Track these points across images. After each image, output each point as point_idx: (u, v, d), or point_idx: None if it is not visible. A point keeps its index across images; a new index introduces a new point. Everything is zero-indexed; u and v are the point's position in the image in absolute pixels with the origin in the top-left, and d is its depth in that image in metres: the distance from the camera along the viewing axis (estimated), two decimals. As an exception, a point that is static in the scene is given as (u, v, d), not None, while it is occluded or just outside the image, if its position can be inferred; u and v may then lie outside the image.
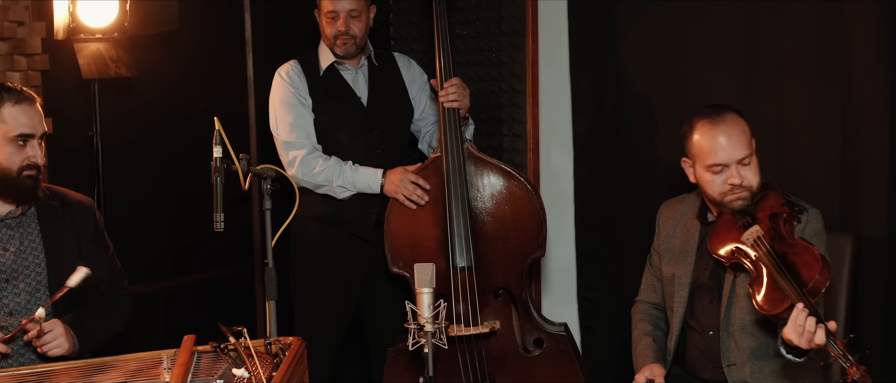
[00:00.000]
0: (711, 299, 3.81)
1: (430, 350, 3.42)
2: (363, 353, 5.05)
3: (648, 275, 4.17)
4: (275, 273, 3.71)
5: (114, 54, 4.57)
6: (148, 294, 4.75)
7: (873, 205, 4.22)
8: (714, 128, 3.70)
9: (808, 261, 3.43)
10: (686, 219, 3.98)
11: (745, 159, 3.68)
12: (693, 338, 3.89)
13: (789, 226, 3.62)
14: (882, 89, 4.15)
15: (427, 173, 4.46)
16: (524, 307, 4.49)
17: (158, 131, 4.92)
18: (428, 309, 3.40)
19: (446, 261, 4.40)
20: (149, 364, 3.43)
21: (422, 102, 4.81)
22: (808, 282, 3.37)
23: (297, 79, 4.58)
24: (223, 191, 3.53)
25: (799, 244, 3.52)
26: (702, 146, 3.72)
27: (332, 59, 4.62)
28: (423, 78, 4.84)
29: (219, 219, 3.48)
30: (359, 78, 4.67)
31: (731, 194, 3.70)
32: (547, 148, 5.14)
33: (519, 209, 4.45)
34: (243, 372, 3.28)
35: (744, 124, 3.73)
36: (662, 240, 4.04)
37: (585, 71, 5.00)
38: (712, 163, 3.69)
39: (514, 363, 4.49)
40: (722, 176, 3.70)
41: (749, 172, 3.70)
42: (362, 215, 4.61)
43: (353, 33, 4.55)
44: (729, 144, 3.67)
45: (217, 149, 3.51)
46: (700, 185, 3.82)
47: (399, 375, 4.49)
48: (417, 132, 4.88)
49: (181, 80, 5.01)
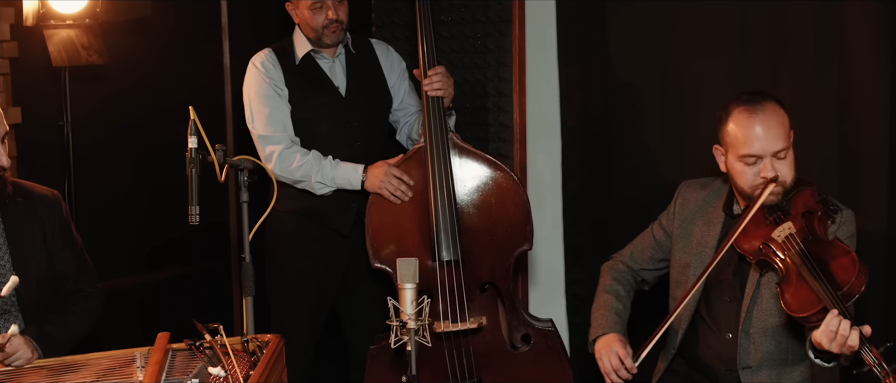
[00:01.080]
0: (732, 298, 3.77)
1: (413, 348, 3.42)
2: (342, 351, 5.04)
3: (645, 241, 4.13)
4: (252, 268, 3.69)
5: (85, 41, 4.56)
6: (121, 290, 4.75)
7: (873, 199, 4.23)
8: (751, 116, 3.61)
9: (845, 263, 3.37)
10: (709, 208, 3.91)
11: (780, 152, 3.60)
12: (707, 337, 3.86)
13: (823, 225, 3.57)
14: (882, 77, 4.16)
15: (410, 165, 4.45)
16: (511, 302, 4.48)
17: (131, 121, 4.91)
18: (411, 305, 3.41)
19: (431, 255, 4.39)
20: (121, 362, 3.44)
21: (401, 91, 4.80)
22: (843, 284, 3.32)
23: (272, 68, 4.54)
24: (198, 183, 3.51)
25: (835, 245, 3.47)
26: (736, 135, 3.63)
27: (308, 47, 4.59)
28: (402, 66, 4.83)
29: (194, 212, 3.46)
30: (336, 67, 4.65)
31: (762, 187, 3.60)
32: (534, 138, 5.13)
33: (505, 201, 4.45)
34: (219, 370, 3.29)
35: (783, 115, 3.64)
36: (678, 223, 3.98)
37: (574, 59, 4.99)
38: (746, 153, 3.61)
39: (501, 360, 4.49)
40: (755, 168, 3.62)
41: (784, 166, 3.61)
42: (342, 210, 4.60)
43: (342, 19, 4.54)
44: (765, 135, 3.58)
45: (192, 139, 3.49)
46: (730, 175, 3.74)
47: (381, 374, 4.47)
48: (395, 122, 4.86)
49: (155, 68, 5.00)
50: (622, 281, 4.10)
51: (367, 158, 4.53)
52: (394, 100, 4.79)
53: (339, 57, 4.66)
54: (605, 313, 3.99)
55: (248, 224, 3.71)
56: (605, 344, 3.86)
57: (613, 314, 3.98)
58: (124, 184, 4.91)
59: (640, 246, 4.14)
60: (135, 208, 4.96)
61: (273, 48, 4.62)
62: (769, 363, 3.71)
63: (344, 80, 4.64)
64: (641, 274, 4.14)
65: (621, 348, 3.81)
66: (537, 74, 5.10)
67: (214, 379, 3.27)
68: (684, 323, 3.88)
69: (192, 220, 3.47)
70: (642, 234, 4.16)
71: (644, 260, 4.12)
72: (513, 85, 5.08)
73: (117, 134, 4.87)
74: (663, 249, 4.05)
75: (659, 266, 4.11)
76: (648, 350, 3.74)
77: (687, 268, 3.88)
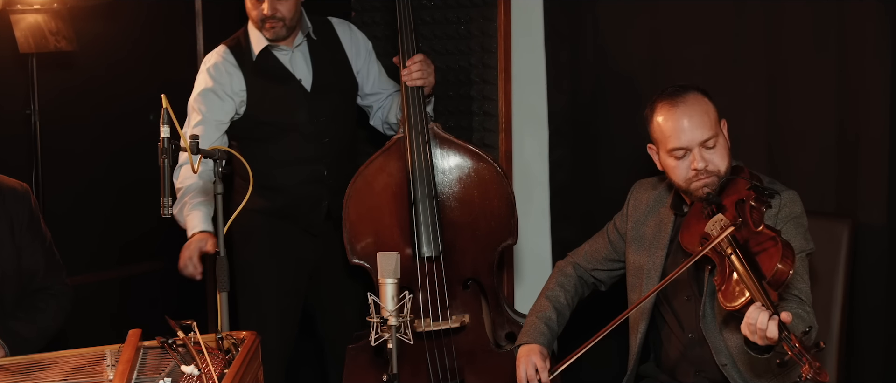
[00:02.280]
0: (689, 297, 3.78)
1: (394, 345, 3.42)
2: (317, 351, 5.04)
3: (599, 242, 4.14)
4: (227, 262, 3.68)
5: (53, 26, 4.55)
6: (90, 285, 4.75)
7: (872, 189, 4.23)
8: (674, 108, 3.65)
9: (770, 249, 3.37)
10: (660, 207, 3.94)
11: (708, 141, 3.62)
12: (672, 340, 3.87)
13: (757, 212, 3.55)
14: (882, 61, 4.16)
15: (389, 157, 4.44)
16: (495, 299, 4.49)
17: (102, 110, 4.90)
18: (392, 301, 3.41)
19: (411, 250, 4.39)
20: (91, 360, 3.44)
21: (371, 76, 4.75)
22: (767, 273, 3.32)
23: (225, 73, 4.46)
24: (171, 174, 3.52)
25: (762, 232, 3.46)
26: (663, 129, 3.67)
27: (265, 42, 4.52)
28: (368, 46, 4.77)
29: (166, 204, 3.45)
30: (297, 58, 4.58)
31: (696, 180, 3.64)
32: (520, 128, 5.13)
33: (488, 194, 4.44)
34: (193, 369, 3.29)
35: (707, 103, 3.67)
36: (631, 225, 4.00)
37: (562, 44, 4.98)
38: (674, 147, 3.63)
39: (485, 359, 4.49)
40: (685, 161, 3.64)
41: (715, 156, 3.63)
42: (312, 208, 4.61)
43: (282, 15, 4.42)
44: (690, 126, 3.61)
45: (164, 128, 3.47)
46: (666, 172, 3.77)
47: (360, 374, 4.48)
48: (368, 107, 4.83)
49: (127, 55, 4.99)
50: (567, 286, 4.12)
51: (336, 154, 4.55)
52: (365, 85, 4.75)
53: (299, 47, 4.59)
54: (535, 322, 4.04)
55: (222, 216, 3.71)
56: (526, 353, 3.95)
57: (543, 324, 4.02)
58: (94, 175, 4.91)
59: (595, 246, 4.16)
60: (105, 201, 4.95)
61: (228, 46, 4.54)
62: (741, 357, 3.68)
63: (307, 72, 4.59)
64: (595, 274, 4.15)
65: (539, 360, 3.91)
66: (523, 61, 5.09)
67: (188, 377, 3.27)
68: (642, 326, 3.88)
69: (164, 213, 3.46)
70: (597, 235, 4.17)
71: (598, 260, 4.13)
72: (498, 72, 5.07)
73: (87, 123, 4.86)
74: (617, 251, 4.07)
75: (613, 267, 4.12)
76: (564, 368, 3.81)
77: (641, 270, 3.90)
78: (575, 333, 4.14)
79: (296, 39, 4.56)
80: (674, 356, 3.86)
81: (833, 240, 4.02)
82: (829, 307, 3.98)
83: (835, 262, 4.02)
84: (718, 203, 3.60)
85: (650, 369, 3.99)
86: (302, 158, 4.56)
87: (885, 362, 4.27)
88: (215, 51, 4.55)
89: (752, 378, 3.69)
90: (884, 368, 4.28)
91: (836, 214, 4.20)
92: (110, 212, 4.95)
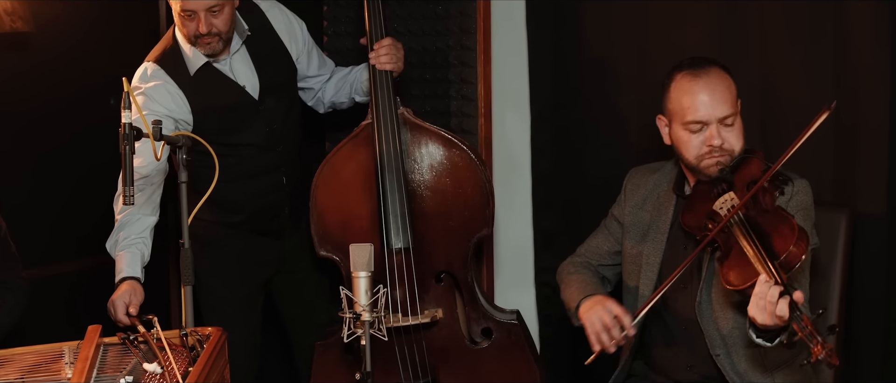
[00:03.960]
0: (686, 284, 3.80)
1: (368, 342, 3.45)
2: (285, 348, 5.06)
3: (599, 237, 4.17)
4: (191, 254, 3.72)
5: (7, 6, 4.54)
6: (47, 279, 4.73)
7: (871, 177, 4.25)
8: (695, 80, 3.70)
9: (784, 230, 3.41)
10: (660, 191, 3.97)
11: (727, 119, 3.67)
12: (663, 332, 3.89)
13: (769, 195, 3.61)
14: (882, 45, 4.17)
15: (357, 143, 4.44)
16: (470, 293, 4.49)
17: (59, 94, 4.86)
18: (365, 295, 3.44)
19: (381, 242, 4.39)
20: (48, 358, 3.48)
21: (312, 59, 4.66)
22: (780, 253, 3.36)
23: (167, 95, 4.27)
24: (133, 162, 3.52)
25: (776, 212, 3.52)
26: (681, 101, 3.72)
27: (203, 57, 4.31)
28: (303, 26, 4.63)
29: (129, 192, 3.47)
30: (239, 64, 4.43)
31: (708, 157, 3.69)
32: (500, 112, 5.12)
33: (462, 181, 4.44)
34: (155, 367, 3.32)
35: (730, 80, 3.73)
36: (629, 211, 4.03)
37: (544, 25, 4.97)
38: (691, 119, 3.68)
39: (460, 356, 4.50)
40: (700, 136, 3.69)
41: (731, 135, 3.69)
42: (273, 218, 4.59)
43: (218, 30, 4.22)
44: (711, 100, 3.66)
45: (126, 114, 3.47)
46: (676, 147, 3.80)
47: (329, 372, 4.49)
48: (307, 89, 4.76)
49: (86, 37, 4.94)
50: (587, 267, 4.12)
51: (291, 157, 4.55)
52: (307, 70, 4.68)
53: (239, 51, 4.43)
54: (583, 282, 4.00)
55: (186, 206, 3.73)
56: (594, 303, 3.83)
57: (594, 283, 3.99)
58: (51, 162, 4.90)
59: (595, 242, 4.18)
60: (62, 189, 4.92)
61: (158, 62, 4.32)
62: (737, 349, 3.72)
63: (252, 76, 4.43)
64: (601, 271, 4.16)
65: (616, 306, 3.78)
66: (504, 42, 5.07)
67: (150, 376, 3.29)
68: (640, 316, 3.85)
69: (126, 202, 3.47)
70: (595, 232, 4.21)
71: (602, 255, 4.15)
72: (477, 54, 5.04)
73: (44, 108, 4.82)
74: (619, 242, 4.08)
75: (619, 261, 4.13)
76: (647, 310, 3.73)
77: (639, 256, 3.92)
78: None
79: (233, 45, 4.40)
80: (664, 350, 3.88)
81: (831, 231, 4.04)
82: (826, 300, 4.01)
83: (832, 253, 4.05)
84: (730, 181, 3.65)
85: (639, 367, 4.00)
86: (258, 171, 4.50)
87: (884, 356, 4.28)
88: (145, 70, 4.33)
89: (746, 368, 3.71)
90: (883, 362, 4.30)
91: (833, 204, 4.22)
92: (68, 201, 4.92)
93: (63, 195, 4.92)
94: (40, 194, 4.83)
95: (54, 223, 4.89)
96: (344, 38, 5.17)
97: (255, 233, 4.60)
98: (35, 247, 4.59)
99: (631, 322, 3.73)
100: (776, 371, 3.72)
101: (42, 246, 4.78)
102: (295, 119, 4.65)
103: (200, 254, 4.26)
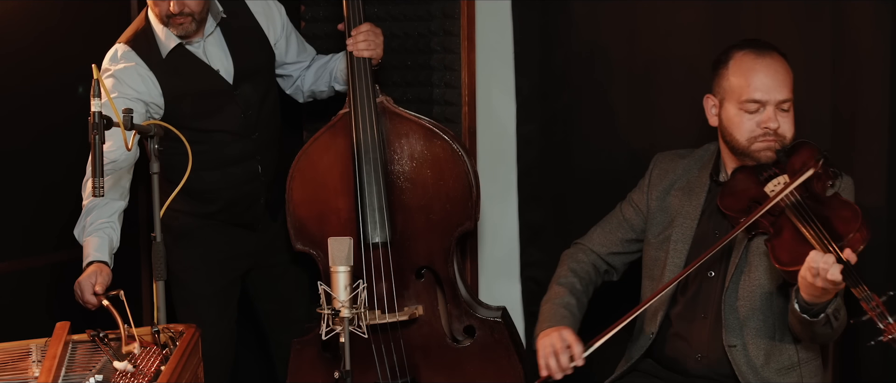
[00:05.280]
0: (716, 273, 3.81)
1: (347, 339, 3.44)
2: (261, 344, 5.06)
3: (613, 222, 4.15)
4: (163, 248, 3.72)
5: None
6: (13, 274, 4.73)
7: (870, 168, 4.24)
8: (758, 60, 3.75)
9: (846, 215, 3.45)
10: (690, 177, 3.99)
11: (785, 103, 3.73)
12: (679, 324, 3.88)
13: (822, 184, 3.64)
14: (881, 26, 4.16)
15: (334, 133, 4.43)
16: (452, 289, 4.47)
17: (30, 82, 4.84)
18: (344, 291, 3.42)
19: (358, 236, 4.37)
20: (15, 356, 3.48)
21: (290, 44, 4.67)
22: (844, 235, 3.38)
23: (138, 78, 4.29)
24: (102, 152, 3.51)
25: (835, 198, 3.56)
26: (739, 79, 3.76)
27: (175, 39, 4.33)
28: (282, 10, 4.65)
29: (98, 184, 3.47)
30: (212, 47, 4.44)
31: (761, 140, 3.72)
32: (485, 100, 5.10)
33: (443, 173, 4.42)
34: (126, 365, 3.31)
35: (789, 67, 3.78)
36: (656, 196, 4.04)
37: (531, 9, 4.95)
38: (751, 98, 3.72)
39: (441, 355, 4.48)
40: (756, 117, 3.73)
41: (786, 120, 3.74)
42: (248, 208, 4.59)
43: (190, 10, 4.24)
44: (772, 82, 3.72)
45: (95, 102, 3.48)
46: (725, 128, 3.82)
47: (306, 369, 4.48)
48: (286, 77, 4.77)
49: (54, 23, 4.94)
50: (580, 273, 4.11)
51: (267, 145, 4.54)
52: (285, 56, 4.69)
53: (213, 33, 4.44)
54: (553, 308, 4.01)
55: (158, 198, 3.74)
56: (552, 331, 3.88)
57: (562, 308, 3.99)
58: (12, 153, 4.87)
59: (608, 227, 4.16)
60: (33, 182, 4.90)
61: (130, 44, 4.33)
62: (756, 341, 3.73)
63: (227, 60, 4.44)
64: (609, 259, 4.15)
65: (570, 334, 3.82)
66: (488, 27, 5.05)
67: (121, 374, 3.28)
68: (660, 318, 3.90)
69: (96, 194, 3.47)
70: (608, 216, 4.19)
71: (613, 242, 4.14)
72: (461, 39, 5.03)
73: (14, 97, 4.80)
74: (635, 229, 4.09)
75: (631, 249, 4.14)
76: (601, 342, 3.74)
77: (666, 241, 3.91)
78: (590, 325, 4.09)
79: (207, 28, 4.40)
80: (679, 344, 3.87)
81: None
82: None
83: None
84: (785, 164, 3.68)
85: (646, 364, 4.00)
86: (232, 159, 4.50)
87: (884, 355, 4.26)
88: (116, 52, 4.35)
89: (763, 363, 3.73)
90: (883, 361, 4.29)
91: (830, 196, 4.19)
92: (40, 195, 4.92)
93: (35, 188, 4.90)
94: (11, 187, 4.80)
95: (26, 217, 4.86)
96: (322, 23, 5.14)
97: (231, 225, 4.60)
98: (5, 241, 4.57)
99: (581, 353, 3.77)
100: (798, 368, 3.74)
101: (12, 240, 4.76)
102: (271, 106, 4.64)
103: (173, 246, 4.35)
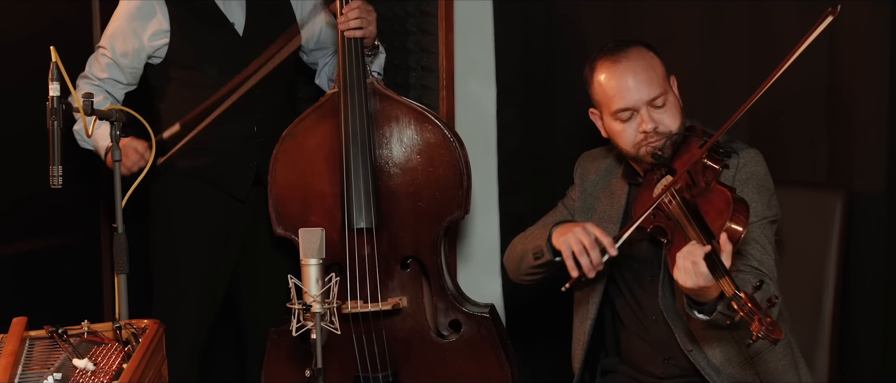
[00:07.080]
0: (653, 277, 3.79)
1: (318, 336, 3.40)
2: (237, 338, 5.03)
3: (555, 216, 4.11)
4: (126, 240, 3.67)
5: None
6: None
7: (869, 153, 4.24)
8: (616, 65, 3.69)
9: (720, 206, 3.39)
10: (612, 178, 3.97)
11: (657, 99, 3.66)
12: (635, 327, 3.87)
13: (711, 172, 3.57)
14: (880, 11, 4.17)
15: (321, 114, 4.41)
16: (438, 281, 4.46)
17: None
18: (316, 285, 3.39)
19: (343, 220, 4.36)
20: (-32, 353, 3.37)
21: (317, 27, 4.70)
22: (716, 232, 3.32)
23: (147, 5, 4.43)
24: (61, 139, 3.50)
25: (713, 190, 3.49)
26: (605, 89, 3.72)
27: None
28: None
29: (56, 172, 3.45)
30: (232, 3, 4.55)
31: (646, 144, 3.67)
32: (463, 84, 5.12)
33: (433, 159, 4.41)
34: (86, 363, 3.25)
35: (653, 57, 3.72)
36: (580, 199, 4.03)
37: (511, -12, 4.95)
38: (619, 108, 3.68)
39: (424, 350, 4.47)
40: (633, 123, 3.69)
41: (665, 115, 3.68)
42: (239, 170, 4.58)
43: None
44: (636, 83, 3.65)
45: (53, 85, 3.46)
46: (611, 138, 3.79)
47: (282, 360, 4.47)
48: (313, 64, 4.82)
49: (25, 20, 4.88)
50: None
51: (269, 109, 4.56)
52: (310, 40, 4.72)
53: None
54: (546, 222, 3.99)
55: (120, 187, 3.69)
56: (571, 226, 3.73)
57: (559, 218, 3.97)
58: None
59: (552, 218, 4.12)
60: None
61: None
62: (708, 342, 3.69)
63: (242, 15, 4.54)
64: None
65: (595, 228, 3.68)
66: (468, 8, 5.07)
67: (80, 372, 3.23)
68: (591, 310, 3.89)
69: (53, 183, 3.45)
70: (551, 212, 4.17)
71: None
72: (438, 20, 5.05)
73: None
74: None
75: None
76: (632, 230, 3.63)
77: None
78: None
79: None
80: (638, 345, 3.87)
81: (824, 214, 4.05)
82: (819, 289, 4.02)
83: (827, 238, 4.05)
84: (668, 165, 3.63)
85: (613, 363, 4.00)
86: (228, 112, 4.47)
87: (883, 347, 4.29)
88: None
89: (722, 361, 3.69)
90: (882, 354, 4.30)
91: (827, 184, 4.23)
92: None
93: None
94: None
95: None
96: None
97: (221, 191, 4.61)
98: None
99: (613, 244, 3.61)
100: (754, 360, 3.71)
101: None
102: (282, 71, 4.63)
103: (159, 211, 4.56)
